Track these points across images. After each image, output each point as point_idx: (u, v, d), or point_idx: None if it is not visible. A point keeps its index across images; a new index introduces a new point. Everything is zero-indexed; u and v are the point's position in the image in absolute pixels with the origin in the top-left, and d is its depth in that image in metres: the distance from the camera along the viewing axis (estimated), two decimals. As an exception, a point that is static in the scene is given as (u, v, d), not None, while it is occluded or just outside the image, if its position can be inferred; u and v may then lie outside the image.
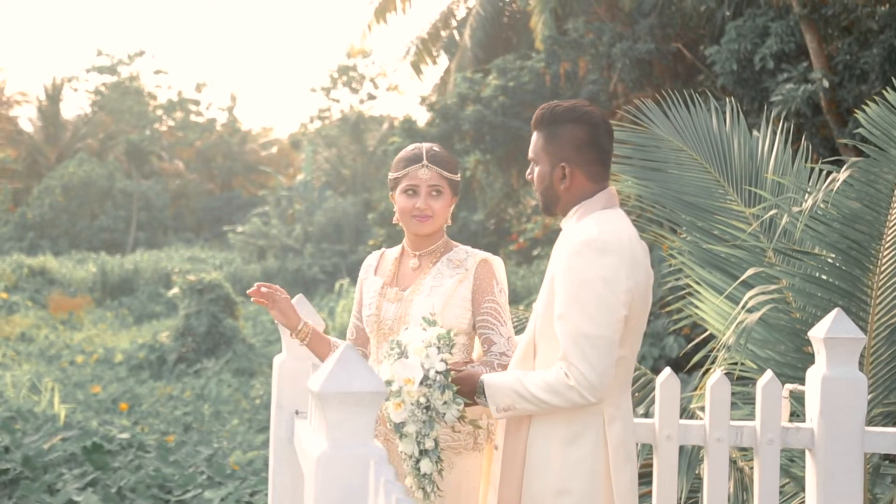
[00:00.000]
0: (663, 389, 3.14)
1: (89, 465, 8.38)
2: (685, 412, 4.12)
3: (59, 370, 15.68)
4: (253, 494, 8.11)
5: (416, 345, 2.76)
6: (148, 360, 16.13)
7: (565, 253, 2.71)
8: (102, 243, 36.19)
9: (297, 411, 3.19)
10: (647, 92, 12.21)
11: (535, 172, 2.86)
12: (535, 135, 2.86)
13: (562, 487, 2.72)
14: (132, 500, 7.87)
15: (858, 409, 3.03)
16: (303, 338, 3.16)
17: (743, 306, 3.86)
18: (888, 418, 4.04)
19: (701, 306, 4.49)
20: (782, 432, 3.11)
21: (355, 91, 42.80)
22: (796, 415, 3.88)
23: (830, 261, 4.00)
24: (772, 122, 4.93)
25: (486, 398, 2.76)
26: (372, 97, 42.49)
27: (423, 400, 2.73)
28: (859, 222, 3.96)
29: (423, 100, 19.45)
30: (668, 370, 3.17)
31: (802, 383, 3.24)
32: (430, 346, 2.75)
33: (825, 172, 4.31)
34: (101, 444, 8.67)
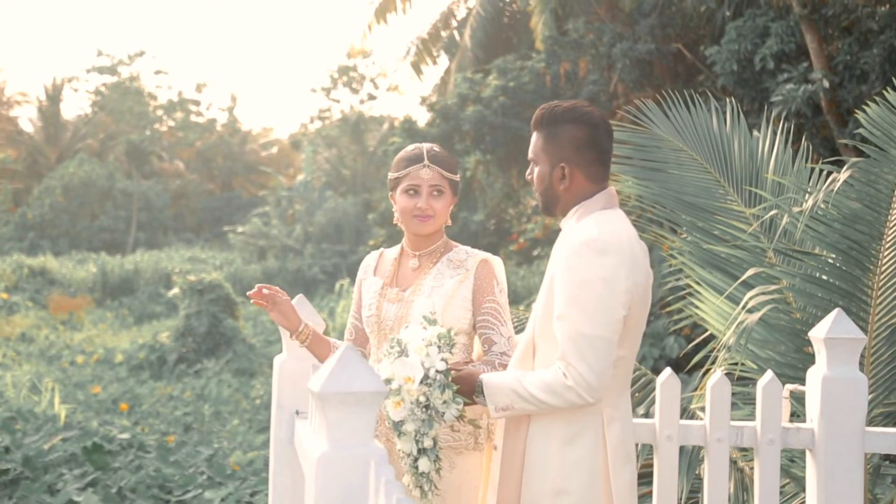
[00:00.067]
0: (664, 390, 3.14)
1: (89, 465, 8.38)
2: (685, 412, 4.12)
3: (59, 370, 15.68)
4: (253, 495, 8.11)
5: (416, 343, 2.75)
6: (148, 361, 16.13)
7: (565, 253, 2.71)
8: (103, 243, 36.20)
9: (297, 411, 3.19)
10: (647, 92, 12.21)
11: (535, 173, 2.86)
12: (534, 135, 2.86)
13: (560, 487, 2.72)
14: (132, 500, 7.87)
15: (859, 410, 3.03)
16: (303, 340, 3.16)
17: (743, 306, 3.86)
18: (888, 418, 4.04)
19: (701, 306, 4.49)
20: (783, 432, 3.11)
21: (355, 91, 42.80)
22: (797, 415, 3.88)
23: (831, 261, 4.00)
24: (772, 123, 4.92)
25: (485, 397, 2.76)
26: (372, 97, 42.49)
27: (422, 399, 2.72)
28: (860, 222, 3.96)
29: (423, 100, 19.45)
30: (668, 370, 3.17)
31: (803, 383, 3.24)
32: (431, 344, 2.75)
33: (825, 173, 4.31)
34: (101, 444, 8.67)
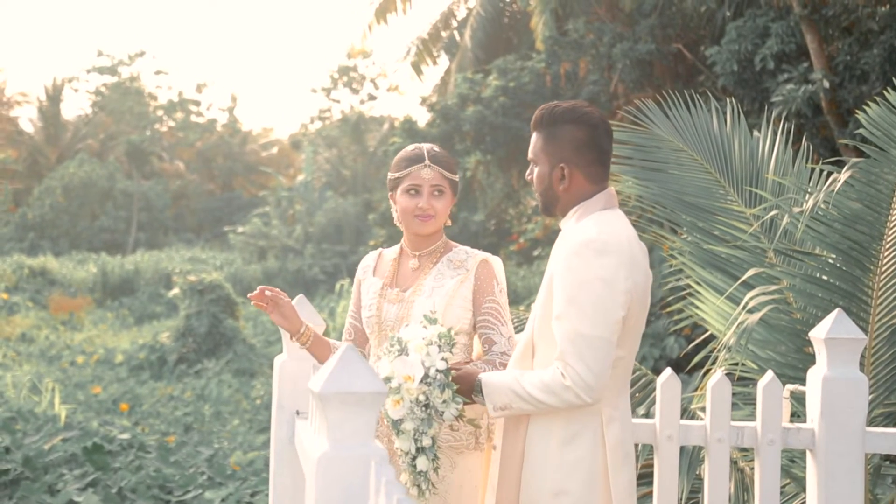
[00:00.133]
0: (664, 390, 3.14)
1: (90, 465, 8.38)
2: (686, 413, 4.12)
3: (59, 371, 15.67)
4: (254, 495, 8.11)
5: (416, 342, 2.75)
6: (148, 361, 16.13)
7: (564, 253, 2.71)
8: (103, 244, 36.21)
9: (297, 412, 3.19)
10: (647, 92, 12.21)
11: (535, 173, 2.86)
12: (534, 135, 2.86)
13: (559, 488, 2.72)
14: (133, 500, 7.87)
15: (859, 410, 3.03)
16: (304, 342, 3.15)
17: (744, 307, 3.86)
18: (889, 419, 4.04)
19: (701, 307, 4.49)
20: (783, 433, 3.11)
21: (356, 91, 42.79)
22: (797, 415, 3.88)
23: (831, 261, 4.00)
24: (772, 123, 4.92)
25: (484, 396, 2.76)
26: (372, 98, 42.48)
27: (422, 398, 2.72)
28: (860, 223, 3.96)
29: (423, 100, 19.45)
30: (668, 371, 3.17)
31: (803, 384, 3.24)
32: (431, 343, 2.74)
33: (826, 173, 4.31)
34: (101, 444, 8.67)
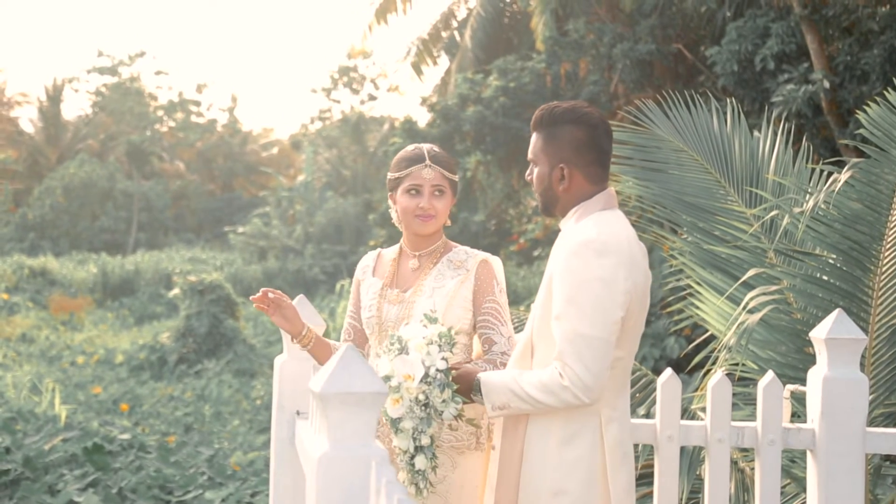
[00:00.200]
0: (664, 390, 3.14)
1: (90, 465, 8.38)
2: (686, 413, 4.12)
3: (59, 371, 15.67)
4: (254, 495, 8.11)
5: (417, 341, 2.75)
6: (149, 361, 16.13)
7: (564, 254, 2.71)
8: (103, 244, 36.21)
9: (298, 412, 3.19)
10: (647, 93, 12.21)
11: (535, 173, 2.86)
12: (534, 136, 2.86)
13: (558, 488, 2.72)
14: (133, 500, 7.87)
15: (860, 410, 3.03)
16: (305, 343, 3.14)
17: (744, 307, 3.86)
18: (889, 419, 4.04)
19: (702, 307, 4.49)
20: (783, 433, 3.11)
21: (356, 92, 42.78)
22: (797, 415, 3.88)
23: (831, 261, 4.00)
24: (773, 123, 4.92)
25: (482, 396, 2.76)
26: (373, 98, 42.47)
27: (422, 397, 2.72)
28: (860, 223, 3.96)
29: (423, 100, 19.44)
30: (669, 371, 3.17)
31: (803, 384, 3.24)
32: (432, 343, 2.74)
33: (826, 173, 4.31)
34: (101, 444, 8.67)
